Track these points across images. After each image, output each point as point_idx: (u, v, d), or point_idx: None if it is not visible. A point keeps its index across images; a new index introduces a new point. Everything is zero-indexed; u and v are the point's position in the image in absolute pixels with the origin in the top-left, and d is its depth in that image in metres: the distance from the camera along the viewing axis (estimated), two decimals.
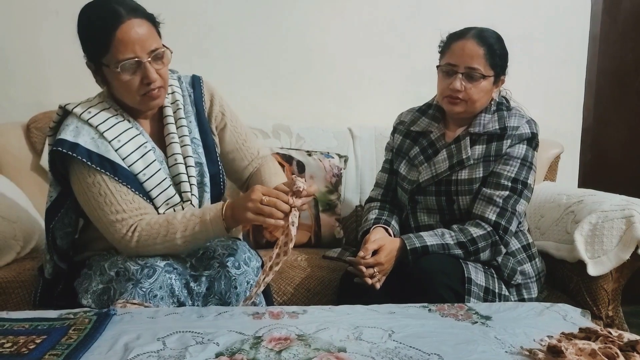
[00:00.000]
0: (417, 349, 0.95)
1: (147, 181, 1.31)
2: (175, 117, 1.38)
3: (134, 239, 1.27)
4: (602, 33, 2.50)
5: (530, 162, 1.51)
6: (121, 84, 1.25)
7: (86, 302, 1.30)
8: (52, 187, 1.38)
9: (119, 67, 1.22)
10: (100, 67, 1.27)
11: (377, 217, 1.62)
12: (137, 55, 1.22)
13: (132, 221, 1.28)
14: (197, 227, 1.25)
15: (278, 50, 2.35)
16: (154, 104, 1.32)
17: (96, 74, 1.31)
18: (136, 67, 1.24)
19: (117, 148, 1.28)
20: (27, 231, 1.78)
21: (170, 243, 1.26)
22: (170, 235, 1.26)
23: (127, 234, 1.27)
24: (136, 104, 1.31)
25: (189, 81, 1.46)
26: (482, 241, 1.45)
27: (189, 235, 1.26)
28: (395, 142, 1.69)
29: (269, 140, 2.19)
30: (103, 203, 1.27)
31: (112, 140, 1.28)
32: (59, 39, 2.21)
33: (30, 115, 2.07)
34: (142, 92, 1.27)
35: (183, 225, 1.26)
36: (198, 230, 1.25)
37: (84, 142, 1.26)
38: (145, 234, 1.26)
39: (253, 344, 0.97)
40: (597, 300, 1.60)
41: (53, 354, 0.91)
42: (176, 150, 1.36)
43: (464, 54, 1.47)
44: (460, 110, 1.52)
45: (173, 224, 1.26)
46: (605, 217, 1.57)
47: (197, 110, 1.43)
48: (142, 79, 1.24)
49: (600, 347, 0.89)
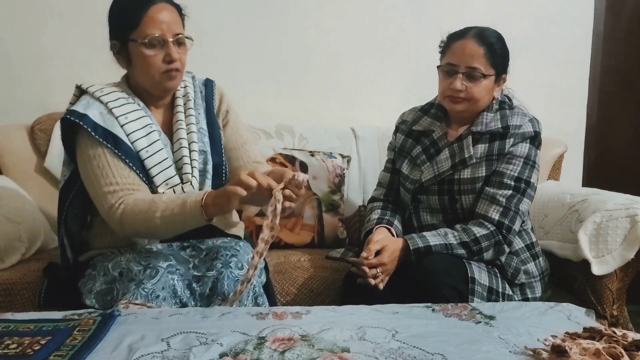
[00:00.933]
0: (421, 349, 0.95)
1: (148, 158, 1.34)
2: (185, 108, 1.45)
3: (119, 211, 1.28)
4: (605, 31, 2.49)
5: (533, 160, 1.51)
6: (144, 59, 1.33)
7: (90, 302, 1.31)
8: (65, 166, 1.42)
9: (147, 40, 1.30)
10: (127, 43, 1.34)
11: (379, 217, 1.61)
12: (163, 33, 1.31)
13: (122, 194, 1.29)
14: (177, 209, 1.25)
15: (281, 50, 2.35)
16: (171, 85, 1.38)
17: (119, 53, 1.37)
18: (161, 45, 1.32)
19: (123, 124, 1.34)
20: (32, 232, 1.79)
21: (150, 222, 1.26)
22: (151, 213, 1.26)
23: (114, 205, 1.28)
24: (154, 83, 1.37)
25: (202, 81, 1.54)
26: (485, 241, 1.45)
27: (168, 217, 1.25)
28: (398, 141, 1.68)
29: (272, 141, 2.19)
30: (100, 175, 1.30)
31: (120, 116, 1.34)
32: (63, 40, 2.23)
33: (34, 117, 2.08)
34: (162, 70, 1.34)
35: (165, 205, 1.26)
36: (176, 213, 1.25)
37: (92, 115, 1.32)
38: (130, 208, 1.27)
39: (257, 344, 0.97)
40: (601, 299, 1.60)
41: (58, 354, 0.91)
42: (182, 135, 1.41)
43: (464, 53, 1.47)
44: (462, 108, 1.51)
45: (156, 202, 1.27)
46: (609, 216, 1.57)
47: (207, 104, 1.50)
48: (165, 56, 1.33)
49: (605, 346, 0.89)
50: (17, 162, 2.01)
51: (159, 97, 1.44)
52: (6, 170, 2.00)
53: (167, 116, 1.46)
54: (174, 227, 1.28)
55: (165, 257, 1.30)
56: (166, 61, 1.33)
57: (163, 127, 1.43)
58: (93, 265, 1.39)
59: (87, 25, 2.21)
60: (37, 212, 1.89)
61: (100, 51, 2.18)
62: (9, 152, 2.02)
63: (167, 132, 1.43)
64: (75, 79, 1.46)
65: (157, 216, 1.25)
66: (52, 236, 1.90)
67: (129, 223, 1.28)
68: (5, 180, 1.93)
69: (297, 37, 2.35)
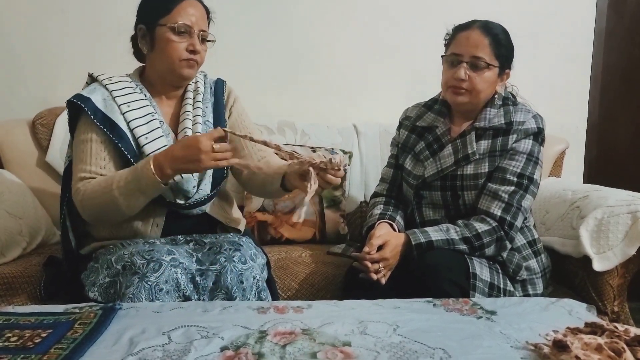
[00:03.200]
0: (422, 344, 0.95)
1: (148, 144, 1.37)
2: (193, 101, 1.49)
3: (81, 192, 1.31)
4: (608, 28, 2.49)
5: (536, 157, 1.51)
6: (169, 44, 1.38)
7: (93, 295, 1.31)
8: (70, 149, 1.45)
9: (176, 25, 1.36)
10: (154, 29, 1.39)
11: (382, 212, 1.61)
12: (192, 25, 1.38)
13: (91, 183, 1.32)
14: (130, 176, 1.27)
15: (283, 47, 2.34)
16: (187, 73, 1.41)
17: (143, 38, 1.42)
18: (187, 34, 1.38)
19: (125, 111, 1.37)
20: (33, 227, 1.79)
21: (109, 195, 1.27)
22: (108, 187, 1.28)
23: (78, 190, 1.32)
24: (172, 69, 1.40)
25: (213, 80, 1.58)
26: (487, 236, 1.45)
27: (123, 186, 1.26)
28: (401, 137, 1.68)
29: (274, 137, 2.19)
30: (80, 159, 1.36)
31: (122, 104, 1.38)
32: (64, 36, 2.23)
33: (36, 112, 2.08)
34: (183, 57, 1.39)
35: (119, 176, 1.28)
36: (130, 180, 1.26)
37: (95, 100, 1.37)
38: (90, 187, 1.31)
39: (258, 338, 0.97)
40: (602, 295, 1.60)
41: (59, 347, 0.92)
42: (187, 125, 1.44)
43: (469, 43, 1.48)
44: (464, 100, 1.51)
45: (112, 177, 1.30)
46: (611, 213, 1.56)
47: (215, 99, 1.54)
48: (188, 45, 1.38)
49: (607, 341, 0.89)
50: (19, 157, 2.01)
51: (172, 88, 1.47)
52: (8, 165, 2.00)
53: (176, 109, 1.49)
54: (133, 197, 1.28)
55: (169, 251, 1.30)
56: (189, 50, 1.39)
57: (170, 120, 1.47)
58: (96, 258, 1.39)
59: (89, 20, 2.22)
60: (38, 206, 1.89)
61: (102, 46, 2.19)
62: (10, 147, 2.01)
63: (173, 125, 1.46)
64: (77, 74, 1.48)
65: (114, 187, 1.27)
66: (53, 231, 1.90)
67: (89, 200, 1.30)
68: (7, 174, 1.93)
69: (300, 34, 2.35)
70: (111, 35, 1.47)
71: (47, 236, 1.86)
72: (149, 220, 1.42)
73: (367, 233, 1.55)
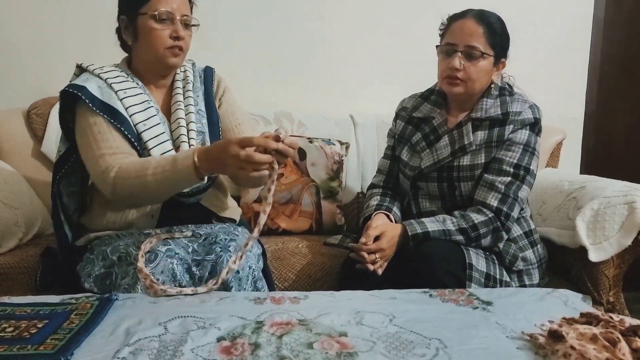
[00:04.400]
0: (418, 334, 0.96)
1: (145, 131, 1.37)
2: (183, 90, 1.48)
3: (112, 173, 1.28)
4: (606, 18, 2.47)
5: (532, 147, 1.50)
6: (151, 32, 1.37)
7: (88, 285, 1.31)
8: (61, 143, 1.45)
9: (156, 12, 1.35)
10: (135, 18, 1.38)
11: (378, 203, 1.61)
12: (173, 11, 1.37)
13: (117, 158, 1.30)
14: (168, 165, 1.24)
15: (280, 37, 2.33)
16: (173, 62, 1.41)
17: (126, 29, 1.41)
18: (169, 21, 1.37)
19: (122, 98, 1.37)
20: (29, 217, 1.78)
21: (142, 179, 1.25)
22: (143, 171, 1.25)
23: (109, 167, 1.29)
24: (158, 58, 1.39)
25: (202, 68, 1.57)
26: (484, 227, 1.45)
27: (160, 173, 1.24)
28: (398, 128, 1.68)
29: (271, 127, 2.18)
30: (99, 139, 1.32)
31: (118, 90, 1.37)
32: (60, 25, 2.21)
33: (31, 102, 2.07)
34: (168, 45, 1.38)
35: (156, 163, 1.26)
36: (168, 170, 1.24)
37: (91, 88, 1.35)
38: (124, 168, 1.28)
39: (254, 328, 0.97)
40: (598, 286, 1.60)
41: (55, 338, 0.92)
42: (180, 115, 1.43)
43: (464, 32, 1.47)
44: (459, 91, 1.50)
45: (149, 161, 1.28)
46: (607, 203, 1.57)
47: (205, 88, 1.53)
48: (172, 32, 1.37)
49: (602, 331, 0.89)
50: (14, 147, 2.00)
51: (160, 77, 1.46)
52: (3, 155, 1.99)
53: (167, 98, 1.48)
54: (166, 185, 1.27)
55: (164, 241, 1.30)
56: (172, 37, 1.37)
57: (162, 109, 1.46)
58: (91, 250, 1.39)
59: (85, 10, 2.21)
60: (34, 197, 1.88)
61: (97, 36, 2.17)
62: (5, 137, 2.00)
63: (165, 114, 1.46)
64: (73, 64, 1.47)
65: (149, 174, 1.25)
66: (49, 221, 1.89)
67: (122, 184, 1.27)
68: (2, 165, 1.92)
69: (297, 25, 2.33)
70: (107, 24, 1.45)
71: (44, 227, 1.86)
72: (145, 210, 1.42)
73: (364, 224, 1.55)
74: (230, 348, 0.90)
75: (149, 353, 0.88)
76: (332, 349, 0.89)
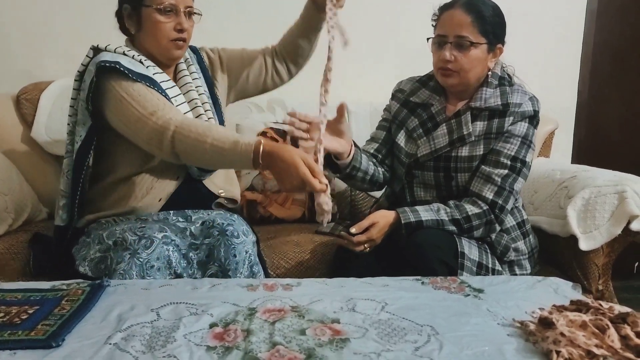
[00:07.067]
0: (410, 321, 0.96)
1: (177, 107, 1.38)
2: (189, 71, 1.52)
3: (172, 126, 1.25)
4: (599, 8, 2.47)
5: (530, 140, 1.50)
6: (156, 25, 1.38)
7: (83, 269, 1.31)
8: (80, 127, 1.38)
9: (162, 6, 1.36)
10: (139, 9, 1.39)
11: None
12: (177, 3, 1.38)
13: (171, 111, 1.29)
14: (228, 143, 1.21)
15: (273, 24, 2.30)
16: (176, 54, 1.43)
17: (129, 17, 1.42)
18: (173, 13, 1.39)
19: (153, 73, 1.39)
20: (19, 203, 1.77)
21: (201, 145, 1.22)
22: (204, 137, 1.22)
23: (167, 121, 1.25)
24: (161, 49, 1.41)
25: (189, 51, 1.59)
26: (477, 220, 1.45)
27: (218, 146, 1.21)
28: (393, 108, 1.65)
29: (264, 115, 2.17)
30: (143, 100, 1.30)
31: (148, 67, 1.39)
32: (49, 9, 2.17)
33: (20, 86, 2.04)
34: (172, 37, 1.39)
35: (218, 134, 1.23)
36: (227, 148, 1.21)
37: (124, 62, 1.33)
38: (185, 125, 1.24)
39: (247, 315, 0.97)
40: (587, 274, 1.62)
41: (46, 324, 0.91)
42: (194, 96, 1.48)
43: (452, 23, 1.45)
44: (454, 82, 1.49)
45: (211, 129, 1.25)
46: (598, 192, 1.58)
47: (201, 68, 1.57)
48: (176, 25, 1.39)
49: (591, 319, 0.90)
50: (3, 132, 1.97)
51: (163, 64, 1.46)
52: None
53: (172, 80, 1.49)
54: (220, 159, 1.25)
55: (161, 228, 1.30)
56: (176, 30, 1.39)
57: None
58: (88, 233, 1.39)
59: None
60: (23, 183, 1.87)
61: (88, 19, 2.14)
62: None
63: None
64: (63, 48, 1.45)
65: (209, 142, 1.22)
66: (39, 207, 1.88)
67: (181, 140, 1.24)
68: None
69: (290, 11, 2.29)
70: (98, 9, 1.43)
71: (33, 213, 1.84)
72: (154, 194, 1.42)
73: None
74: (223, 334, 0.90)
75: (141, 339, 0.88)
76: (324, 336, 0.90)
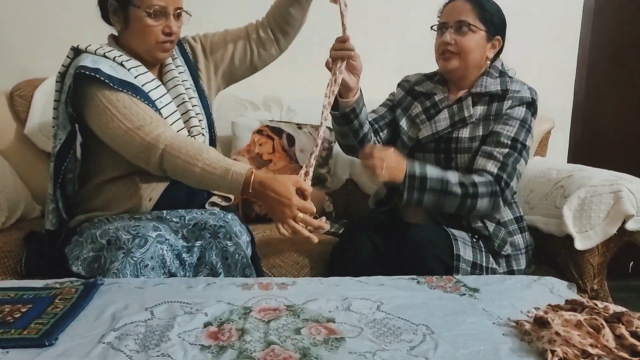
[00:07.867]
0: (406, 320, 0.96)
1: (162, 109, 1.36)
2: (174, 64, 1.49)
3: (161, 144, 1.24)
4: (596, 7, 2.48)
5: (529, 124, 1.52)
6: (144, 27, 1.35)
7: (76, 269, 1.30)
8: (60, 130, 1.37)
9: (152, 10, 1.33)
10: (127, 7, 1.35)
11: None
12: (167, 5, 1.35)
13: (159, 127, 1.27)
14: (219, 170, 1.21)
15: None
16: (163, 56, 1.41)
17: (115, 13, 1.38)
18: (162, 16, 1.35)
19: (135, 75, 1.35)
20: (12, 201, 1.76)
21: (190, 167, 1.22)
22: (194, 160, 1.22)
23: (155, 137, 1.25)
24: (147, 50, 1.38)
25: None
26: (483, 187, 1.43)
27: (208, 171, 1.21)
28: (397, 95, 1.70)
29: (259, 112, 2.16)
30: (128, 113, 1.27)
31: (130, 68, 1.35)
32: (43, 4, 2.15)
33: (14, 83, 2.02)
34: (160, 40, 1.37)
35: (209, 159, 1.22)
36: (218, 175, 1.21)
37: (104, 69, 1.30)
38: (176, 145, 1.24)
39: (242, 314, 0.97)
40: (583, 274, 1.62)
41: (39, 322, 0.90)
42: (181, 91, 1.45)
43: (454, 11, 1.53)
44: (454, 65, 1.52)
45: (202, 152, 1.23)
46: (594, 192, 1.58)
47: (185, 59, 1.53)
48: (164, 28, 1.36)
49: (586, 318, 0.90)
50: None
51: (148, 63, 1.43)
52: None
53: (158, 76, 1.47)
54: (208, 184, 1.26)
55: (155, 227, 1.29)
56: (165, 33, 1.36)
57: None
58: (80, 232, 1.37)
59: None
60: (17, 180, 1.85)
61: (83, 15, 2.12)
62: None
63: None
64: (58, 45, 1.43)
65: (199, 166, 1.21)
66: (33, 205, 1.87)
67: (169, 159, 1.24)
68: None
69: None
70: (94, 5, 1.42)
71: (27, 210, 1.83)
72: (144, 194, 1.40)
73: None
74: (218, 333, 0.89)
75: (135, 338, 0.87)
76: (319, 335, 0.90)
